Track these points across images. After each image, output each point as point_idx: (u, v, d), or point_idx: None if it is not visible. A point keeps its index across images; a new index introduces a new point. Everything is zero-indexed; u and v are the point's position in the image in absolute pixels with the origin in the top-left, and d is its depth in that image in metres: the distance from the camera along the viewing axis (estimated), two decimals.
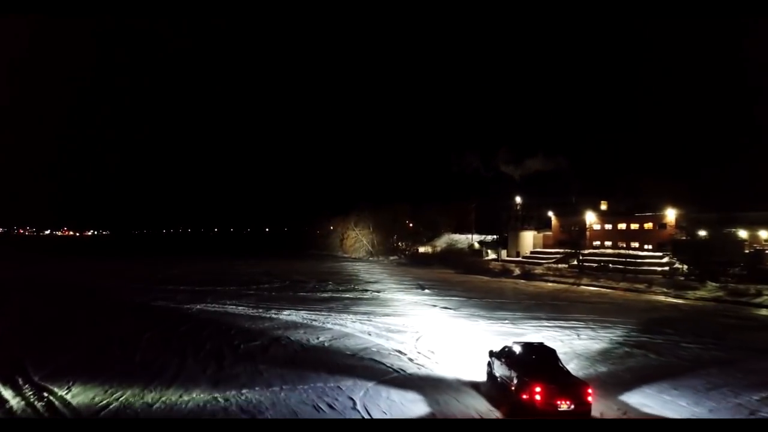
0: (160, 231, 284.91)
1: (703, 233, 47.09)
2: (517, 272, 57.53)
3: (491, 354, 17.10)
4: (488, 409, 14.62)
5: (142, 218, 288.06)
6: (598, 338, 24.26)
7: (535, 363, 14.90)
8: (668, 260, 50.85)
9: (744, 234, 47.33)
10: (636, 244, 60.91)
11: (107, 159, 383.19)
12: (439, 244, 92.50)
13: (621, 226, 64.00)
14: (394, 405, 14.75)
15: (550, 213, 73.71)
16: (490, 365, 16.91)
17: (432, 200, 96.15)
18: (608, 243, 64.29)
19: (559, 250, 65.92)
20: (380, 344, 22.42)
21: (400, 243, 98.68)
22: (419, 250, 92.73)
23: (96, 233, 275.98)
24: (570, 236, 65.72)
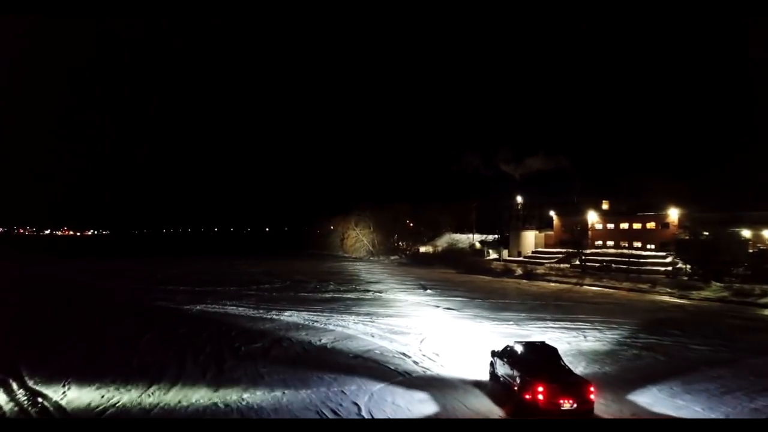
0: (160, 231, 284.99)
1: (707, 233, 46.67)
2: (519, 272, 57.13)
3: (493, 354, 17.02)
4: (492, 409, 14.37)
5: (142, 218, 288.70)
6: (605, 339, 23.89)
7: (538, 362, 14.88)
8: (671, 260, 50.34)
9: (748, 233, 46.90)
10: (638, 244, 60.33)
11: (107, 159, 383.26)
12: (440, 244, 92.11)
13: (623, 226, 63.48)
14: (400, 410, 14.36)
15: (552, 212, 73.21)
16: (493, 365, 16.84)
17: (433, 200, 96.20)
18: (610, 243, 63.76)
19: (561, 250, 65.54)
20: (384, 346, 22.03)
21: (401, 243, 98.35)
22: (420, 250, 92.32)
23: (96, 233, 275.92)
24: (572, 236, 65.40)
